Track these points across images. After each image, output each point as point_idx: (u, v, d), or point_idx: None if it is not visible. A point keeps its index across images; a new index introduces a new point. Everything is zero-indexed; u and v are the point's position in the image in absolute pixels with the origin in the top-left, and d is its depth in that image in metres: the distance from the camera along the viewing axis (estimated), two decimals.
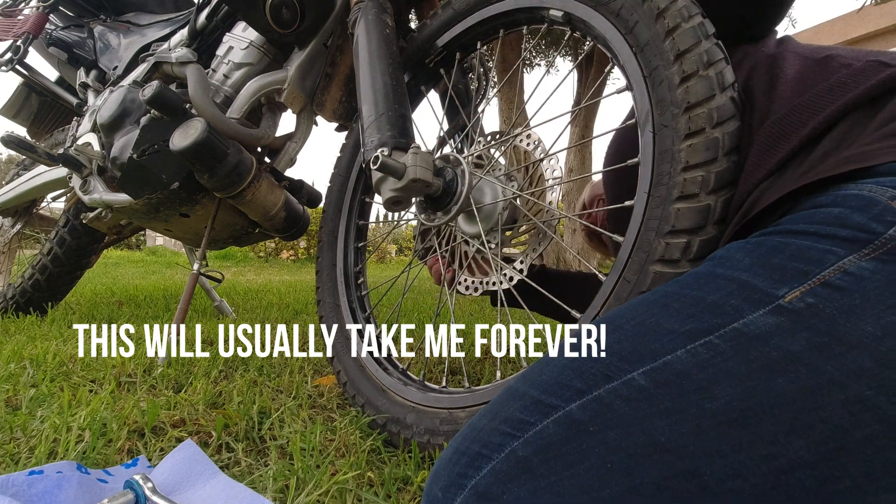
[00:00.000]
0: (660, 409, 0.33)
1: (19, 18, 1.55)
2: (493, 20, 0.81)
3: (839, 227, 0.35)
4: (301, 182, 1.24)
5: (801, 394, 0.31)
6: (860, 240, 0.33)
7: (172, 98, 1.05)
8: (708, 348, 0.34)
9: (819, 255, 0.34)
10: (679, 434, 0.32)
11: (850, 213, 0.35)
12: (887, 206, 0.34)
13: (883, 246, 0.32)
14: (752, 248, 0.38)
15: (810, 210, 0.39)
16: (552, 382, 0.38)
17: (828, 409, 0.30)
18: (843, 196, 0.37)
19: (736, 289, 0.36)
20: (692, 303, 0.37)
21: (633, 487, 0.32)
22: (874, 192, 0.35)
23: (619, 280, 0.55)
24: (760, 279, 0.35)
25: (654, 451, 0.32)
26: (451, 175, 0.74)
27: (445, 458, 0.39)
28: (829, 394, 0.30)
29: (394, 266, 8.51)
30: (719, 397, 0.32)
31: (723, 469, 0.31)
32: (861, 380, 0.30)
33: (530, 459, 0.35)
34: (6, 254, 1.99)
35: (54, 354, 1.04)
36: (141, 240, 11.51)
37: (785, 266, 0.35)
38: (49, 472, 0.49)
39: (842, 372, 0.30)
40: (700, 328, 0.35)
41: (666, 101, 0.54)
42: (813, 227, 0.36)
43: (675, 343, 0.35)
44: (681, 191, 0.51)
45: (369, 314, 0.93)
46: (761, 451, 0.30)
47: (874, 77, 0.45)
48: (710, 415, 0.32)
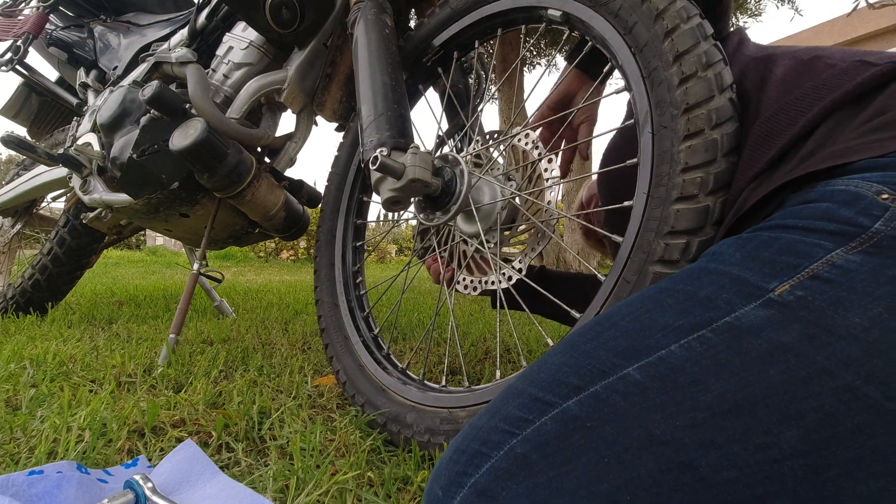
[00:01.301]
0: (655, 403, 0.34)
1: (19, 18, 1.55)
2: (491, 19, 0.81)
3: (827, 221, 0.36)
4: (301, 182, 1.24)
5: (793, 384, 0.31)
6: (847, 233, 0.34)
7: (172, 98, 1.05)
8: (701, 342, 0.34)
9: (808, 249, 0.35)
10: (674, 427, 0.33)
11: (838, 207, 0.36)
12: (873, 201, 0.35)
13: (870, 239, 0.33)
14: (743, 244, 0.39)
15: (799, 206, 0.40)
16: (550, 380, 0.38)
17: (819, 399, 0.31)
18: (831, 192, 0.38)
19: (728, 283, 0.36)
20: (685, 298, 0.38)
21: (631, 481, 0.32)
22: (860, 187, 0.36)
23: (619, 280, 0.55)
24: (751, 273, 0.36)
25: (650, 444, 0.33)
26: (449, 175, 0.74)
27: (446, 458, 0.40)
28: (820, 383, 0.31)
29: (394, 266, 8.51)
30: (713, 389, 0.33)
31: (717, 460, 0.31)
32: (850, 369, 0.30)
33: (529, 456, 0.35)
34: (6, 254, 1.99)
35: (54, 354, 1.04)
36: (141, 240, 11.51)
37: (775, 260, 0.36)
38: (49, 472, 0.50)
39: (832, 362, 0.31)
40: (693, 322, 0.36)
41: (665, 102, 0.54)
42: (802, 221, 0.37)
43: (669, 338, 0.36)
44: (680, 192, 0.51)
45: (368, 313, 0.93)
46: (755, 441, 0.31)
47: (858, 76, 0.46)
48: (704, 407, 0.32)
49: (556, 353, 0.41)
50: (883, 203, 0.34)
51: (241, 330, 1.47)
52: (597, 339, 0.39)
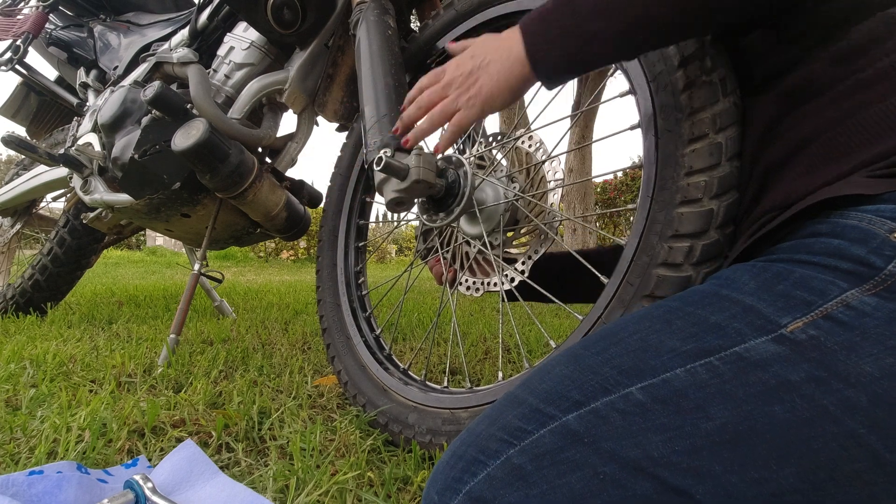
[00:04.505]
0: (655, 425, 0.33)
1: (19, 18, 1.55)
2: (496, 22, 0.81)
3: (839, 258, 0.35)
4: (302, 182, 1.25)
5: (796, 423, 0.31)
6: (861, 274, 0.33)
7: (174, 98, 1.05)
8: (708, 369, 0.34)
9: (822, 286, 0.34)
10: (672, 451, 0.32)
11: (850, 245, 0.35)
12: (886, 240, 0.34)
13: (884, 282, 0.33)
14: (758, 273, 0.38)
15: (810, 238, 0.39)
16: (551, 392, 0.38)
17: (820, 441, 0.31)
18: (842, 227, 0.37)
19: (740, 312, 0.36)
20: (695, 321, 0.37)
21: (624, 500, 0.32)
22: (873, 223, 0.35)
23: (623, 283, 0.55)
24: (765, 304, 0.35)
25: (646, 465, 0.33)
26: (453, 176, 0.74)
27: (443, 462, 0.40)
28: (823, 426, 0.31)
29: (394, 266, 8.51)
30: (715, 418, 0.32)
31: (714, 489, 0.31)
32: (855, 417, 0.30)
33: (525, 467, 0.35)
34: (6, 254, 1.99)
35: (54, 354, 1.04)
36: (141, 240, 11.51)
37: (789, 294, 0.35)
38: (49, 472, 0.49)
39: (837, 407, 0.31)
40: (701, 348, 0.35)
41: (669, 106, 0.54)
42: (815, 257, 0.36)
43: (676, 361, 0.35)
44: (684, 195, 0.51)
45: (370, 314, 0.93)
46: (752, 474, 0.31)
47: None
48: (704, 434, 0.32)
49: (558, 364, 0.40)
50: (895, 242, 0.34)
51: (241, 330, 1.47)
52: (602, 355, 0.39)
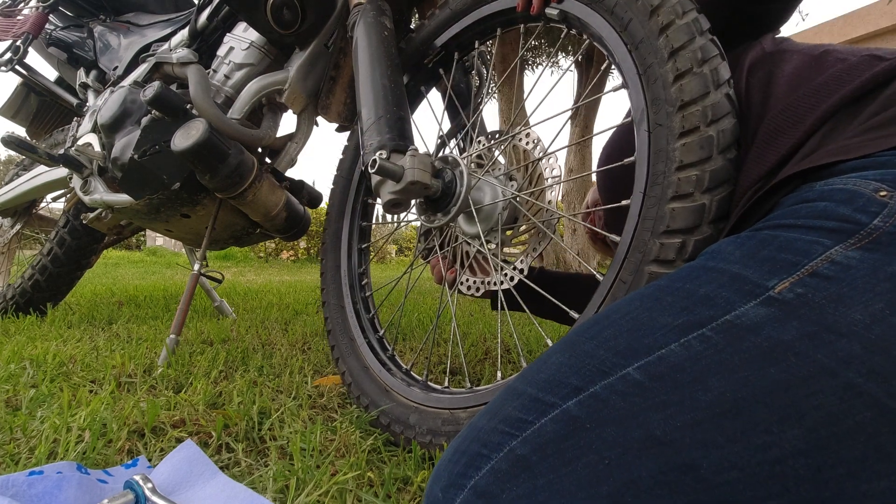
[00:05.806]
0: (655, 403, 0.33)
1: (19, 18, 1.55)
2: (491, 19, 0.81)
3: (825, 219, 0.36)
4: (302, 182, 1.25)
5: (793, 383, 0.31)
6: (846, 230, 0.34)
7: (174, 99, 1.05)
8: (701, 341, 0.34)
9: (807, 247, 0.35)
10: (674, 427, 0.32)
11: (836, 205, 0.36)
12: (871, 198, 0.35)
13: (868, 235, 0.33)
14: (742, 242, 0.39)
15: (797, 205, 0.39)
16: (549, 380, 0.38)
17: (819, 397, 0.30)
18: (829, 190, 0.38)
19: (727, 281, 0.36)
20: (685, 296, 0.37)
21: (631, 482, 0.32)
22: (858, 185, 0.36)
23: (616, 280, 0.55)
24: (751, 271, 0.36)
25: (650, 445, 0.32)
26: (449, 176, 0.74)
27: (446, 459, 0.39)
28: (821, 382, 0.30)
29: (394, 266, 8.51)
30: (713, 389, 0.32)
31: (719, 461, 0.31)
32: (851, 367, 0.30)
33: (529, 458, 0.35)
34: (6, 254, 1.99)
35: (54, 355, 1.04)
36: (141, 240, 11.51)
37: (774, 257, 0.35)
38: (49, 472, 0.49)
39: (832, 360, 0.31)
40: (693, 321, 0.35)
41: (660, 100, 0.53)
42: (800, 220, 0.37)
43: (669, 336, 0.35)
44: (675, 190, 0.50)
45: (373, 315, 0.93)
46: (756, 440, 0.31)
47: (867, 71, 0.45)
48: (704, 406, 0.32)
49: (555, 353, 0.41)
50: (881, 200, 0.34)
51: (241, 330, 1.47)
52: (596, 339, 0.39)
